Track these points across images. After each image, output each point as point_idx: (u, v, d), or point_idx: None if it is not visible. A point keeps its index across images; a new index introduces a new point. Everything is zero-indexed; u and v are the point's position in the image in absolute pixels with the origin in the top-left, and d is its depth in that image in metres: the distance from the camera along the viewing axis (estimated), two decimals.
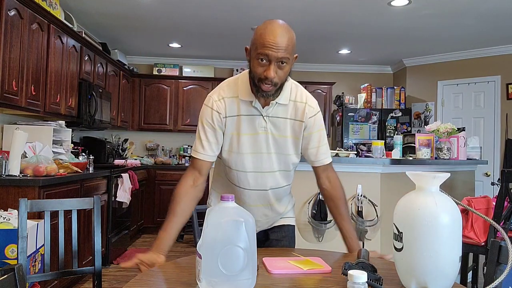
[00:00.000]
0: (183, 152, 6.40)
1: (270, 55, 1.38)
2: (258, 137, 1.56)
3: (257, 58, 1.42)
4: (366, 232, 2.92)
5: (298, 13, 4.29)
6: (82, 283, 3.60)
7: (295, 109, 1.58)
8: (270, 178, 1.62)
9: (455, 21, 4.46)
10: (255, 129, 1.55)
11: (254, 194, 1.63)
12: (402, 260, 1.16)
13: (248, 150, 1.57)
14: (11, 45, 2.94)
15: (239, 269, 1.06)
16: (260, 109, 1.54)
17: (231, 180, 1.66)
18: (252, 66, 1.46)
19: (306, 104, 1.59)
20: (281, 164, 1.61)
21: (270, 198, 1.66)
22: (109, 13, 4.50)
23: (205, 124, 1.56)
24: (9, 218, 2.32)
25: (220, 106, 1.55)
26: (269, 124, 1.56)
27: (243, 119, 1.55)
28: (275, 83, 1.43)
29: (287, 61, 1.42)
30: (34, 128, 3.43)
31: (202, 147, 1.56)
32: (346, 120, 5.97)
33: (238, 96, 1.55)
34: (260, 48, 1.40)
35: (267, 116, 1.55)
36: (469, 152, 3.71)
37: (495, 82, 5.45)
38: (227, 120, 1.55)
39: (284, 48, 1.39)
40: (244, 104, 1.55)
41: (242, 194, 1.64)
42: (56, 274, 1.89)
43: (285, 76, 1.47)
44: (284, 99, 1.55)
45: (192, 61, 6.52)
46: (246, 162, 1.58)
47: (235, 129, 1.56)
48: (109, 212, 4.19)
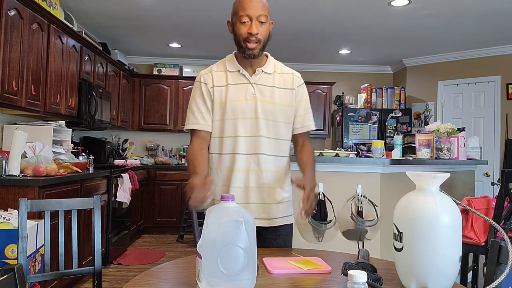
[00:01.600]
0: (183, 152, 6.39)
1: (250, 14, 1.62)
2: (247, 103, 1.69)
3: (239, 22, 1.65)
4: (366, 232, 2.92)
5: (298, 13, 4.29)
6: (82, 283, 3.60)
7: (283, 79, 1.76)
8: (259, 143, 1.70)
9: (455, 21, 4.46)
10: (244, 96, 1.70)
11: (245, 158, 1.70)
12: (402, 260, 1.16)
13: (239, 116, 1.69)
14: (11, 45, 2.94)
15: (239, 269, 1.06)
16: (248, 76, 1.72)
17: (223, 150, 1.72)
18: (237, 29, 1.67)
19: (293, 74, 1.80)
20: (269, 130, 1.71)
21: (260, 164, 1.70)
22: (109, 13, 4.50)
23: (196, 96, 1.74)
24: (9, 218, 2.32)
25: (207, 78, 1.74)
26: (257, 91, 1.71)
27: (231, 87, 1.71)
28: (259, 39, 1.64)
29: (265, 20, 1.65)
30: (34, 128, 3.43)
31: (194, 117, 1.72)
32: (346, 120, 5.97)
33: (226, 70, 1.74)
34: (241, 11, 1.64)
35: (255, 83, 1.71)
36: (469, 152, 3.70)
37: (495, 82, 5.45)
38: (214, 89, 1.72)
39: (261, 8, 1.64)
40: (232, 74, 1.73)
41: (235, 160, 1.70)
42: (56, 274, 1.89)
43: (266, 34, 1.67)
44: (270, 69, 1.75)
45: (192, 61, 6.53)
46: (236, 127, 1.69)
47: (224, 98, 1.71)
48: (109, 212, 4.19)
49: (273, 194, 1.73)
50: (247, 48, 1.65)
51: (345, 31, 4.94)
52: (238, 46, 1.70)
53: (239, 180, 1.69)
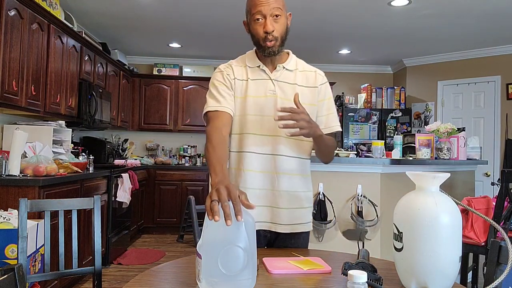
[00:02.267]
0: (183, 152, 6.40)
1: (263, 10, 1.51)
2: (267, 100, 1.61)
3: (254, 20, 1.54)
4: (366, 232, 2.92)
5: (298, 13, 4.29)
6: (82, 283, 3.60)
7: (306, 77, 1.66)
8: (277, 143, 1.60)
9: (455, 21, 4.46)
10: (264, 92, 1.61)
11: (261, 158, 1.60)
12: (402, 260, 1.16)
13: (258, 112, 1.60)
14: (11, 45, 2.94)
15: (239, 269, 1.06)
16: (268, 72, 1.63)
17: (240, 147, 1.62)
18: (253, 30, 1.56)
19: (315, 72, 1.69)
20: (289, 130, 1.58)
21: (276, 166, 1.59)
22: (109, 13, 4.50)
23: (217, 83, 1.62)
24: (9, 218, 2.32)
25: (228, 70, 1.65)
26: (277, 88, 1.62)
27: (251, 82, 1.62)
28: (276, 37, 1.54)
29: (280, 13, 1.53)
30: (34, 128, 3.43)
31: (216, 100, 1.58)
32: (346, 120, 5.97)
33: (246, 65, 1.65)
34: (253, 9, 1.53)
35: (275, 80, 1.62)
36: (469, 152, 3.70)
37: (495, 82, 5.45)
38: (236, 81, 1.63)
39: (273, 1, 1.51)
40: (252, 70, 1.64)
41: (251, 159, 1.60)
42: (56, 274, 1.89)
43: (282, 29, 1.56)
44: (291, 65, 1.66)
45: (192, 61, 6.52)
46: (255, 124, 1.60)
47: (244, 92, 1.62)
48: (109, 212, 4.19)
49: (291, 199, 1.62)
50: (266, 47, 1.55)
51: (345, 31, 4.94)
52: (257, 46, 1.59)
53: (254, 181, 1.59)
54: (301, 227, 1.66)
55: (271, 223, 1.62)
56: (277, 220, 1.62)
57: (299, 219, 1.65)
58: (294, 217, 1.63)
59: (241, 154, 1.62)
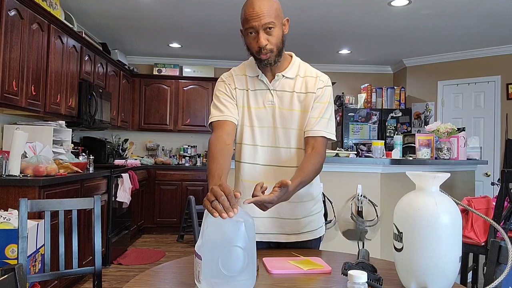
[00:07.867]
0: (183, 152, 6.40)
1: (254, 25, 1.46)
2: (266, 111, 1.59)
3: (247, 34, 1.51)
4: (366, 232, 2.92)
5: (298, 12, 4.29)
6: (82, 283, 3.60)
7: (305, 83, 1.61)
8: (278, 155, 1.59)
9: (455, 21, 4.46)
10: (263, 103, 1.60)
11: (263, 170, 1.58)
12: (402, 260, 1.16)
13: (257, 124, 1.60)
14: (11, 45, 2.94)
15: (239, 270, 1.06)
16: (267, 82, 1.60)
17: (243, 158, 1.61)
18: (248, 43, 1.54)
19: (316, 77, 1.63)
20: (289, 140, 1.59)
21: (277, 177, 1.51)
22: (109, 13, 4.50)
23: (219, 94, 1.62)
24: (9, 218, 2.32)
25: (229, 79, 1.64)
26: (276, 98, 1.59)
27: (251, 93, 1.61)
28: (270, 49, 1.50)
29: (273, 25, 1.48)
30: (34, 128, 3.43)
31: (219, 110, 1.58)
32: (346, 120, 5.97)
33: (246, 74, 1.64)
34: (245, 24, 1.49)
35: (274, 90, 1.60)
36: (469, 152, 3.70)
37: (495, 82, 5.45)
38: (237, 91, 1.62)
39: (265, 14, 1.45)
40: (252, 80, 1.62)
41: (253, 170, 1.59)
42: (56, 274, 1.89)
43: (277, 40, 1.51)
44: (291, 73, 1.61)
45: (192, 61, 6.52)
46: (255, 135, 1.59)
47: (245, 103, 1.61)
48: (109, 212, 4.19)
49: (295, 209, 1.58)
50: (262, 60, 1.52)
51: (345, 31, 4.94)
52: (254, 57, 1.57)
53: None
54: (310, 235, 1.63)
55: (276, 234, 1.61)
56: (283, 231, 1.60)
57: (307, 227, 1.62)
58: (300, 226, 1.61)
59: (240, 164, 1.63)
